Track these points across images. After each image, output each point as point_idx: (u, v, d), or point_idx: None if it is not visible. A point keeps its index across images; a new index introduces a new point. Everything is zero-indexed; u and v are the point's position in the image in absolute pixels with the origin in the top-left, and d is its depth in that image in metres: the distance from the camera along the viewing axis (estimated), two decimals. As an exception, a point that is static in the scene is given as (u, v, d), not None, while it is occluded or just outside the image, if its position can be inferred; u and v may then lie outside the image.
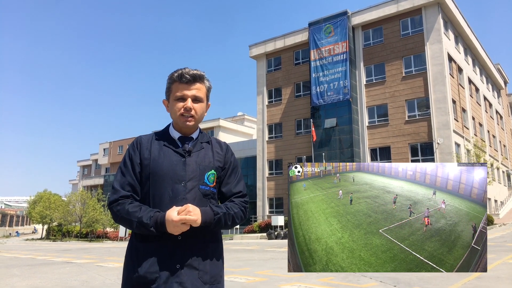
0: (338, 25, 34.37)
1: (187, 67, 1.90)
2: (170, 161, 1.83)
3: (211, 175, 1.86)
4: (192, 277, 1.73)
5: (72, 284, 7.77)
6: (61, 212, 39.93)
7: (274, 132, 38.40)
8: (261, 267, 9.39)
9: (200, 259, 1.78)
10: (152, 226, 1.70)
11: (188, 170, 1.83)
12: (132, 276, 1.77)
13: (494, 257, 9.94)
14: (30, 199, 51.70)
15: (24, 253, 18.18)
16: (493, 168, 33.72)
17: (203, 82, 1.91)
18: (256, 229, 29.64)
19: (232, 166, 1.97)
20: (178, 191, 1.79)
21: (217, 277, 1.82)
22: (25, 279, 8.65)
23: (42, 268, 10.89)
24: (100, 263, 11.93)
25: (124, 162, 1.89)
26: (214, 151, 1.94)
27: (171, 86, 1.91)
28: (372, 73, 33.54)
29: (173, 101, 1.89)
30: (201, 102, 1.90)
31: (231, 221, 1.83)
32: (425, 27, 30.96)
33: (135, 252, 1.80)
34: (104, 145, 69.02)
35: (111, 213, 1.83)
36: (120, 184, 1.84)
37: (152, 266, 1.73)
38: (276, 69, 39.25)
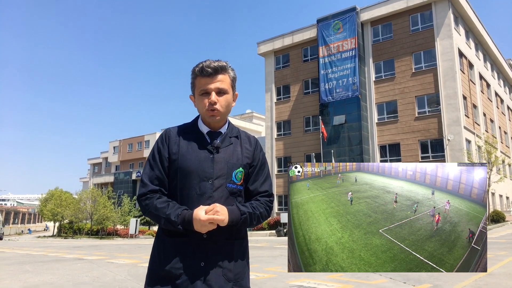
0: (346, 21, 34.17)
1: (209, 59, 1.86)
2: (198, 157, 1.82)
3: (239, 173, 1.85)
4: (216, 275, 1.74)
5: (84, 280, 7.89)
6: (72, 210, 40.37)
7: (282, 130, 38.37)
8: (270, 264, 9.44)
9: (225, 257, 1.79)
10: (180, 224, 1.72)
11: (216, 168, 1.81)
12: (158, 270, 1.79)
13: (506, 254, 9.86)
14: (41, 197, 52.30)
15: (36, 250, 18.45)
16: (504, 164, 33.31)
17: (226, 72, 1.87)
18: (265, 227, 29.69)
19: (260, 163, 1.94)
20: (206, 188, 1.78)
21: (240, 275, 1.82)
22: (38, 275, 8.80)
23: (54, 264, 11.06)
24: (111, 259, 12.07)
25: (152, 155, 1.89)
26: (243, 147, 1.92)
27: (194, 80, 1.88)
28: (381, 70, 33.31)
29: (198, 96, 1.87)
30: (226, 94, 1.86)
31: (256, 221, 1.84)
32: (435, 22, 30.64)
33: (162, 247, 1.82)
34: (114, 143, 69.55)
35: (140, 206, 1.85)
36: (149, 177, 1.85)
37: (177, 262, 1.75)
38: (284, 66, 39.17)
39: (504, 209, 34.58)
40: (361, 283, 6.53)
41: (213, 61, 1.85)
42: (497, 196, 34.06)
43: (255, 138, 2.01)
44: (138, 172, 59.75)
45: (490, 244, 12.63)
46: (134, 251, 15.77)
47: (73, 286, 7.22)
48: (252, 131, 55.29)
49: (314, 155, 33.53)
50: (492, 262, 8.42)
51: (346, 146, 32.97)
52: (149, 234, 36.54)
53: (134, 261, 11.41)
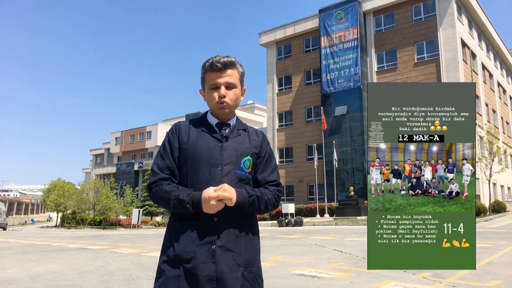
0: (349, 11, 33.96)
1: (218, 55, 1.93)
2: (208, 145, 1.88)
3: (247, 160, 1.90)
4: (227, 259, 1.78)
5: (88, 268, 7.97)
6: (75, 200, 40.59)
7: (284, 120, 38.35)
8: (272, 253, 9.51)
9: (235, 242, 1.82)
10: (189, 203, 1.77)
11: (225, 155, 1.87)
12: (169, 254, 1.82)
13: (506, 244, 9.91)
14: (44, 188, 52.62)
15: (40, 240, 18.59)
16: (506, 155, 33.30)
17: (235, 67, 1.94)
18: (267, 217, 29.79)
19: (268, 155, 2.01)
20: (215, 174, 1.84)
21: (251, 261, 1.85)
22: (42, 264, 8.89)
23: (58, 254, 11.16)
24: (114, 249, 12.17)
25: (163, 146, 1.95)
26: (251, 138, 1.98)
27: (204, 75, 1.96)
28: (383, 60, 33.17)
29: (208, 91, 1.94)
30: (235, 88, 1.93)
31: (264, 206, 1.87)
32: (438, 12, 30.43)
33: (173, 232, 1.86)
34: (116, 134, 69.68)
35: (150, 194, 1.90)
36: (159, 167, 1.91)
37: (188, 245, 1.79)
38: (286, 57, 39.03)
39: (506, 199, 34.65)
40: (361, 271, 6.58)
41: (223, 56, 1.93)
42: (498, 187, 34.09)
43: (262, 132, 2.09)
44: (140, 163, 59.95)
45: (491, 234, 12.68)
46: (137, 241, 15.89)
47: (77, 274, 7.30)
48: (254, 122, 55.27)
49: (315, 145, 33.56)
50: (492, 252, 8.47)
51: (348, 137, 32.95)
52: (152, 224, 36.77)
53: (137, 250, 11.51)
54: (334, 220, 24.31)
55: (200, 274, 1.74)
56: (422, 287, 5.25)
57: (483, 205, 24.52)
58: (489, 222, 19.23)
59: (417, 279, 5.76)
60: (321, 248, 10.33)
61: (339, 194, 32.47)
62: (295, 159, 36.85)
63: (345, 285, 5.58)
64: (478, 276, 5.78)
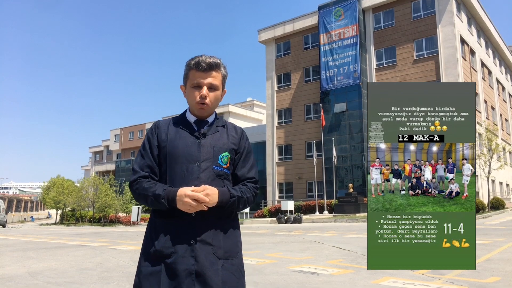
0: (348, 8, 33.89)
1: (204, 55, 1.96)
2: (186, 142, 1.92)
3: (225, 156, 1.93)
4: (206, 252, 1.81)
5: (87, 265, 7.99)
6: (74, 198, 40.59)
7: (283, 117, 38.34)
8: (271, 250, 9.53)
9: (214, 235, 1.86)
10: (164, 198, 1.81)
11: (202, 151, 1.91)
12: (149, 250, 1.87)
13: (504, 240, 9.95)
14: (43, 185, 52.58)
15: (39, 237, 18.61)
16: (505, 152, 33.35)
17: (219, 70, 1.97)
18: (266, 214, 29.85)
19: (247, 151, 2.04)
20: (193, 170, 1.87)
21: (231, 253, 1.89)
22: (41, 261, 8.90)
23: (57, 251, 11.17)
24: (114, 246, 12.19)
25: (143, 145, 2.00)
26: (229, 134, 2.01)
27: (188, 73, 1.98)
28: (382, 57, 33.14)
29: (190, 88, 1.97)
30: (217, 90, 1.97)
31: (242, 205, 1.92)
32: (437, 9, 30.39)
33: (154, 228, 1.91)
34: (115, 131, 69.61)
35: (131, 191, 1.95)
36: (139, 166, 1.95)
37: (168, 241, 1.83)
38: (285, 54, 38.97)
39: (504, 196, 34.73)
40: (360, 268, 6.61)
41: (209, 57, 1.95)
42: (497, 183, 34.16)
43: (241, 128, 2.11)
44: (139, 160, 59.87)
45: (490, 231, 12.72)
46: (136, 238, 15.91)
47: (77, 271, 7.31)
48: (253, 119, 55.24)
49: (315, 143, 33.55)
50: (491, 248, 8.50)
51: (347, 134, 32.96)
52: (151, 221, 36.75)
53: (137, 247, 11.52)
54: (333, 217, 24.36)
55: (179, 268, 1.77)
56: (421, 284, 5.27)
57: (482, 202, 24.59)
58: (488, 219, 19.30)
59: (416, 275, 5.79)
60: (320, 245, 10.36)
61: (338, 191, 32.51)
62: (294, 156, 36.86)
63: (344, 282, 5.60)
64: (477, 273, 5.81)
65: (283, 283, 5.67)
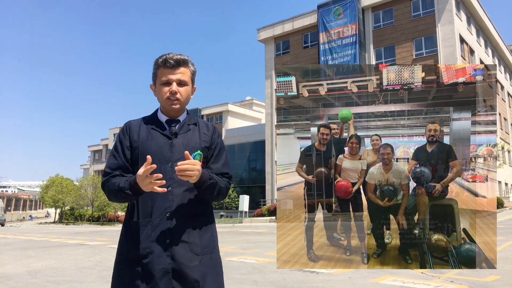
0: (347, 7, 33.87)
1: (172, 52, 1.97)
2: (158, 143, 1.92)
3: (198, 155, 1.90)
4: (183, 250, 1.81)
5: (86, 264, 7.98)
6: (73, 196, 40.59)
7: (283, 116, 38.29)
8: (270, 249, 9.53)
9: (189, 233, 1.85)
10: (128, 188, 1.79)
11: (174, 151, 1.90)
12: (126, 252, 1.86)
13: (503, 239, 9.96)
14: (42, 184, 52.51)
15: (38, 235, 18.60)
16: (504, 151, 33.41)
17: (188, 66, 1.98)
18: (265, 213, 29.86)
19: (219, 147, 2.04)
20: (166, 171, 1.86)
21: (209, 248, 1.90)
22: (41, 260, 8.90)
23: (56, 249, 11.17)
24: (113, 245, 12.18)
25: (115, 147, 1.99)
26: (201, 132, 2.01)
27: (156, 71, 1.98)
28: (382, 56, 33.13)
29: (159, 86, 1.96)
30: (186, 86, 1.96)
31: (217, 192, 1.90)
32: (437, 8, 30.38)
33: (129, 229, 1.90)
34: (114, 130, 69.51)
35: (104, 192, 1.92)
36: (110, 167, 1.94)
37: (144, 242, 1.82)
38: (284, 53, 38.94)
39: (503, 195, 34.78)
40: (360, 266, 6.61)
41: (176, 54, 1.96)
42: (495, 183, 34.19)
43: (213, 125, 2.11)
44: (138, 159, 59.80)
45: (489, 229, 12.73)
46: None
47: (76, 270, 7.31)
48: (252, 118, 55.19)
49: (314, 142, 33.45)
50: (490, 247, 8.51)
51: (346, 133, 32.97)
52: (150, 220, 36.77)
53: (136, 246, 11.52)
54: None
55: (155, 267, 1.77)
56: (420, 282, 5.28)
57: (480, 201, 24.59)
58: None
59: (416, 274, 5.79)
60: (320, 244, 10.35)
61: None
62: (294, 155, 36.81)
63: (344, 280, 5.60)
64: (476, 271, 5.82)
65: (282, 282, 5.68)
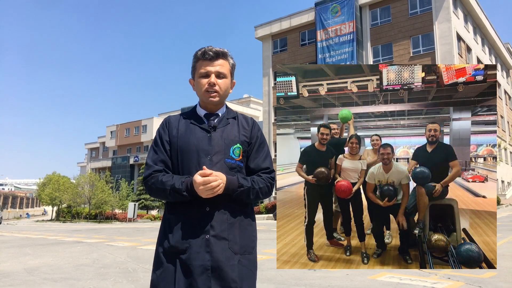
0: (345, 5, 33.86)
1: (211, 45, 1.94)
2: (196, 136, 1.90)
3: (237, 148, 1.90)
4: (222, 247, 1.78)
5: (84, 262, 7.98)
6: (70, 194, 40.46)
7: (280, 114, 38.34)
8: (268, 246, 9.54)
9: (229, 230, 1.82)
10: (185, 191, 1.78)
11: (213, 145, 1.88)
12: (165, 246, 1.84)
13: (500, 236, 10.00)
14: (39, 182, 52.30)
15: (35, 233, 18.55)
16: (500, 148, 33.53)
17: (227, 58, 1.95)
18: (263, 210, 29.89)
19: (259, 141, 2.00)
20: (205, 164, 1.83)
21: (247, 248, 1.86)
22: (38, 257, 8.88)
23: (53, 247, 11.15)
24: (110, 242, 12.17)
25: (155, 141, 1.97)
26: (240, 126, 1.98)
27: (195, 64, 1.95)
28: (379, 53, 33.16)
29: (198, 79, 1.94)
30: (225, 78, 1.94)
31: (254, 196, 1.87)
32: (434, 5, 30.41)
33: (168, 224, 1.87)
34: (111, 128, 69.26)
35: (146, 187, 1.91)
36: (152, 160, 1.92)
37: (183, 237, 1.80)
38: (282, 50, 38.91)
39: (500, 192, 34.93)
40: (358, 264, 6.62)
41: (215, 47, 1.93)
42: (496, 182, 34.35)
43: (252, 119, 2.08)
44: (135, 156, 59.75)
45: (485, 227, 12.79)
46: (132, 234, 15.90)
47: (73, 267, 7.30)
48: (250, 115, 54.79)
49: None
50: (487, 244, 8.55)
51: (344, 131, 32.98)
52: (147, 218, 36.76)
53: (133, 243, 11.52)
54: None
55: (194, 263, 1.75)
56: (417, 279, 5.30)
57: (477, 199, 24.70)
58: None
59: (413, 270, 5.81)
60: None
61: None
62: (291, 152, 36.92)
63: (341, 277, 5.62)
64: (473, 270, 5.84)
65: (280, 278, 5.69)
